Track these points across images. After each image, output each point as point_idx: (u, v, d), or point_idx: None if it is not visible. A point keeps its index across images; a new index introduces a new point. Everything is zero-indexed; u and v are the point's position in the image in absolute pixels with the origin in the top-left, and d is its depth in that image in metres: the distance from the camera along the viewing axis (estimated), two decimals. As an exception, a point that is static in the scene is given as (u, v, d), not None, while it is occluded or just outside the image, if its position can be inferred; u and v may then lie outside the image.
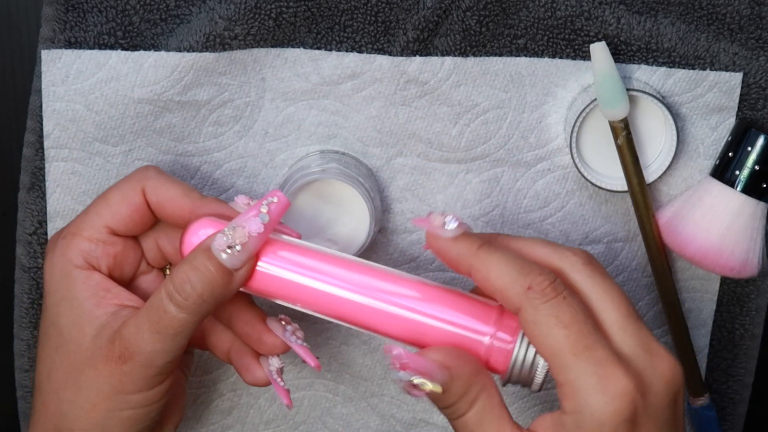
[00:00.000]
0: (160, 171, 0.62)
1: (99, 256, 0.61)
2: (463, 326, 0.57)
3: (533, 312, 0.53)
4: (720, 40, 0.68)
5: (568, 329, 0.53)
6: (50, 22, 0.66)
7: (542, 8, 0.67)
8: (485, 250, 0.55)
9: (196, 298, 0.56)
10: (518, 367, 0.56)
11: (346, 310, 0.58)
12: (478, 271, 0.55)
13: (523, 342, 0.56)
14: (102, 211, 0.61)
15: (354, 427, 0.75)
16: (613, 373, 0.52)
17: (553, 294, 0.53)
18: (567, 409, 0.53)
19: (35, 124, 0.68)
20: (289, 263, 0.58)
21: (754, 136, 0.67)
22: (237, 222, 0.57)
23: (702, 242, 0.67)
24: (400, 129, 0.69)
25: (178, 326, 0.57)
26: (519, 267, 0.54)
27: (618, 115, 0.66)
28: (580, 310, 0.53)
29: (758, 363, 0.75)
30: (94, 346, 0.58)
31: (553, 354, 0.53)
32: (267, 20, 0.66)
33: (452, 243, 0.56)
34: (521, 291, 0.54)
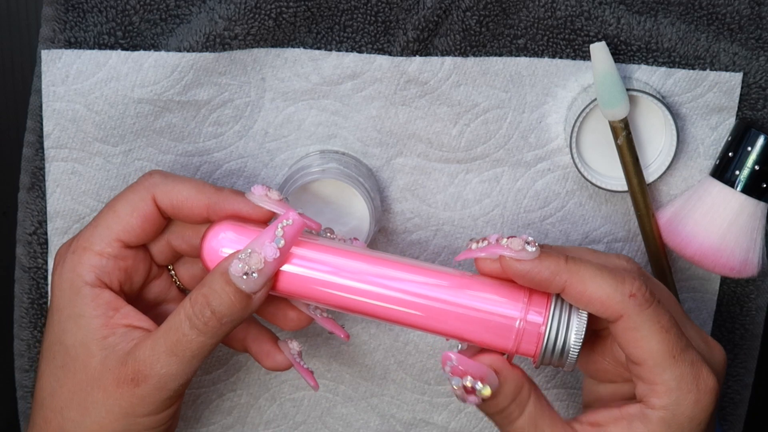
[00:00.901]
0: (165, 174, 0.61)
1: (111, 271, 0.60)
2: (493, 312, 0.57)
3: (636, 318, 0.55)
4: (720, 40, 0.68)
5: (668, 333, 0.55)
6: (50, 22, 0.66)
7: (542, 8, 0.67)
8: (573, 262, 0.56)
9: (216, 322, 0.57)
10: (551, 347, 0.56)
11: (374, 306, 0.58)
12: (573, 285, 0.56)
13: (554, 323, 0.56)
14: (112, 224, 0.60)
15: (354, 427, 0.75)
16: (702, 372, 0.56)
17: (652, 299, 0.55)
18: (656, 405, 0.55)
19: (35, 124, 0.68)
20: (313, 263, 0.58)
21: (754, 136, 0.67)
22: (253, 246, 0.56)
23: (702, 242, 0.67)
24: (400, 129, 0.69)
25: (197, 349, 0.57)
26: (612, 275, 0.56)
27: (618, 115, 0.66)
28: (671, 314, 0.56)
29: (758, 363, 0.75)
30: (102, 367, 0.58)
31: (652, 357, 0.55)
32: (267, 20, 0.66)
33: (539, 263, 0.56)
34: (623, 299, 0.55)
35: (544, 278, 0.56)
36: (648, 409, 0.56)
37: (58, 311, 0.59)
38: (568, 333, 0.56)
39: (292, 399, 0.75)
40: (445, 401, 0.75)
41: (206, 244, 0.59)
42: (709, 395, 0.56)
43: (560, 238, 0.71)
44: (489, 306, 0.57)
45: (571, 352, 0.57)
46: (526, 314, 0.57)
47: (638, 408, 0.56)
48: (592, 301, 0.56)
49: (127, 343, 0.58)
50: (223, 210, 0.59)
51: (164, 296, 0.64)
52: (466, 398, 0.56)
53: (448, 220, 0.71)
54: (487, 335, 0.57)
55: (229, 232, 0.58)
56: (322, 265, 0.58)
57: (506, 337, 0.57)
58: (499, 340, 0.57)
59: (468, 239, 0.71)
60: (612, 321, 0.56)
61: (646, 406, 0.56)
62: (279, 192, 0.60)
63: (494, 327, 0.57)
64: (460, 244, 0.71)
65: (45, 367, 0.60)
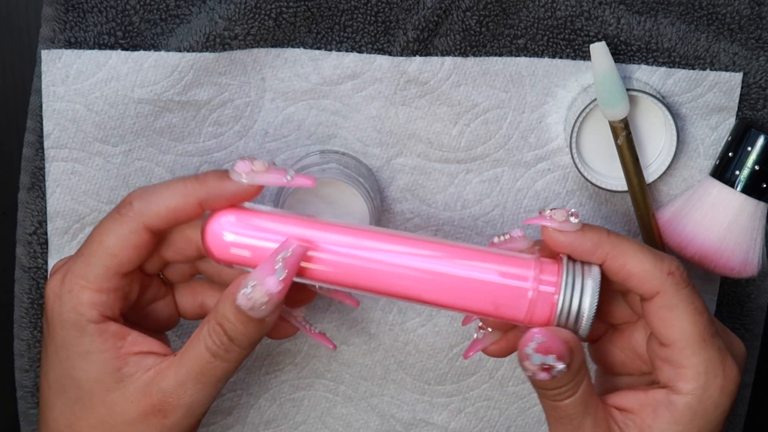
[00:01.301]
0: (143, 195, 0.58)
1: (112, 304, 0.58)
2: (505, 283, 0.57)
3: (673, 296, 0.56)
4: (720, 40, 0.68)
5: (702, 316, 0.56)
6: (50, 22, 0.66)
7: (542, 8, 0.67)
8: (616, 237, 0.57)
9: (236, 347, 0.57)
10: (564, 315, 0.56)
11: (383, 283, 0.57)
12: (615, 258, 0.56)
13: (567, 290, 0.56)
14: (105, 260, 0.58)
15: (354, 427, 0.75)
16: (728, 359, 0.56)
17: (689, 280, 0.56)
18: (683, 390, 0.56)
19: (35, 124, 0.68)
20: (325, 245, 0.57)
21: (754, 136, 0.67)
22: (256, 278, 0.55)
23: (702, 242, 0.67)
24: (400, 129, 0.69)
25: (221, 374, 0.57)
26: (653, 252, 0.56)
27: (618, 115, 0.66)
28: (703, 300, 0.57)
29: (758, 363, 0.75)
30: (124, 399, 0.57)
31: (684, 338, 0.56)
32: (267, 20, 0.66)
33: (582, 234, 0.57)
34: (662, 276, 0.56)
35: (586, 249, 0.56)
36: (674, 394, 0.56)
37: (64, 348, 0.58)
38: (582, 297, 0.56)
39: (292, 399, 0.75)
40: (445, 401, 0.75)
41: (209, 234, 0.58)
42: (733, 383, 0.56)
43: (560, 238, 0.71)
44: (499, 278, 0.57)
45: (586, 317, 0.56)
46: (538, 284, 0.56)
47: (664, 394, 0.57)
48: (632, 275, 0.56)
49: (143, 372, 0.58)
50: (215, 201, 0.57)
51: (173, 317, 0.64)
52: (538, 375, 0.55)
53: (448, 220, 0.71)
54: (500, 307, 0.57)
55: (228, 215, 0.57)
56: (333, 246, 0.57)
57: (519, 307, 0.57)
58: (511, 312, 0.57)
59: (466, 237, 0.71)
60: (648, 298, 0.56)
61: (672, 392, 0.56)
62: (263, 161, 0.58)
63: (506, 298, 0.57)
64: (460, 244, 0.71)
65: (55, 400, 0.59)
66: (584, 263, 0.57)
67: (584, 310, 0.56)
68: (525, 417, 0.75)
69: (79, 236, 0.70)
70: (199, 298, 0.63)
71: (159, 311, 0.63)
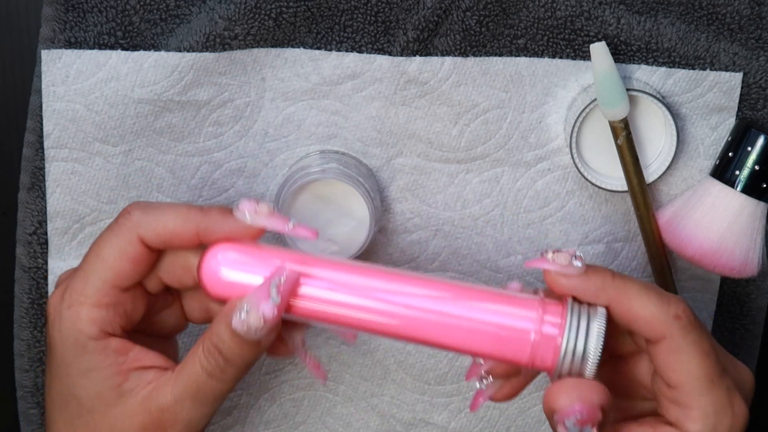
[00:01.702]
0: (145, 208, 0.58)
1: (112, 320, 0.58)
2: (506, 325, 0.55)
3: (680, 341, 0.54)
4: (720, 40, 0.68)
5: (709, 358, 0.55)
6: (50, 22, 0.66)
7: (542, 8, 0.67)
8: (621, 279, 0.55)
9: (232, 368, 0.56)
10: (569, 358, 0.55)
11: (382, 324, 0.56)
12: (619, 302, 0.55)
13: (571, 333, 0.54)
14: (103, 273, 0.57)
15: (354, 427, 0.75)
16: (736, 398, 0.55)
17: (696, 322, 0.55)
18: (692, 430, 0.55)
19: (35, 124, 0.68)
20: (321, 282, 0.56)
21: (754, 136, 0.67)
22: (250, 302, 0.55)
23: (702, 242, 0.67)
24: (400, 129, 0.69)
25: (218, 393, 0.57)
26: (659, 294, 0.55)
27: (618, 115, 0.66)
28: (711, 338, 0.56)
29: (758, 363, 0.75)
30: (123, 415, 0.57)
31: (690, 381, 0.54)
32: (267, 20, 0.66)
33: (586, 278, 0.55)
34: (668, 320, 0.54)
35: (590, 293, 0.55)
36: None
37: (64, 366, 0.58)
38: (587, 340, 0.54)
39: (292, 399, 0.75)
40: (445, 401, 0.75)
41: (204, 269, 0.57)
42: (742, 421, 0.55)
43: (560, 238, 0.71)
44: (501, 319, 0.55)
45: (591, 361, 0.55)
46: (541, 326, 0.55)
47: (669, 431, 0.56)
48: (637, 319, 0.55)
49: (143, 386, 0.57)
50: (213, 234, 0.57)
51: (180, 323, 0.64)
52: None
53: (448, 220, 0.71)
54: (502, 349, 0.56)
55: (227, 252, 0.57)
56: (330, 284, 0.56)
57: (521, 350, 0.55)
58: (514, 354, 0.56)
59: (466, 238, 0.71)
60: (653, 341, 0.55)
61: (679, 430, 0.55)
62: (268, 204, 0.58)
63: (508, 340, 0.55)
64: (461, 244, 0.71)
65: (57, 415, 0.59)
66: (590, 305, 0.56)
67: (589, 354, 0.55)
68: (525, 417, 0.75)
69: (79, 236, 0.70)
70: (206, 303, 0.63)
71: (166, 319, 0.63)
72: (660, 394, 0.56)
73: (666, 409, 0.56)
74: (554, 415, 0.54)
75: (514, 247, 0.72)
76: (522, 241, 0.71)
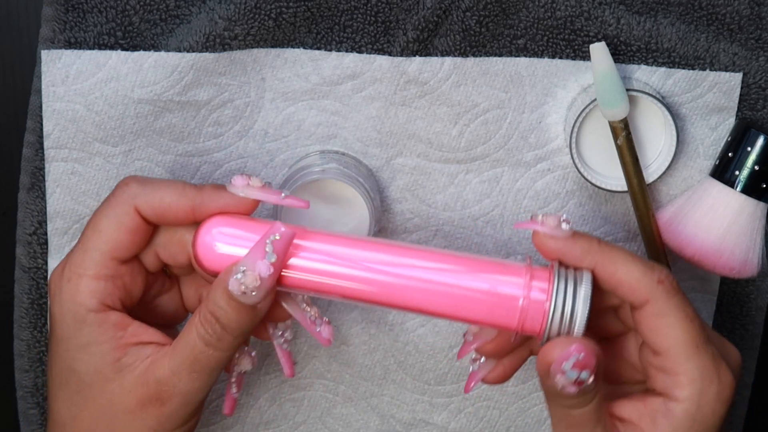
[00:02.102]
0: (142, 181, 0.59)
1: (111, 292, 0.59)
2: (496, 292, 0.56)
3: (663, 304, 0.55)
4: (720, 40, 0.68)
5: (693, 323, 0.56)
6: (50, 22, 0.66)
7: (542, 8, 0.67)
8: (606, 245, 0.57)
9: (228, 336, 0.57)
10: (557, 322, 0.56)
11: (373, 292, 0.57)
12: (604, 266, 0.56)
13: (558, 297, 0.56)
14: (101, 245, 0.58)
15: (354, 427, 0.75)
16: (722, 366, 0.56)
17: (679, 288, 0.56)
18: (680, 397, 0.55)
19: (35, 124, 0.68)
20: (314, 254, 0.57)
21: (754, 136, 0.67)
22: (246, 263, 0.55)
23: (702, 242, 0.67)
24: (400, 129, 0.69)
25: (215, 363, 0.57)
26: (643, 261, 0.56)
27: (618, 115, 0.66)
28: (694, 307, 0.56)
29: (758, 363, 0.75)
30: (122, 389, 0.58)
31: (676, 346, 0.55)
32: (267, 20, 0.66)
33: (573, 241, 0.57)
34: (651, 284, 0.55)
35: (575, 256, 0.56)
36: (671, 402, 0.56)
37: (64, 341, 0.58)
38: (575, 303, 0.56)
39: (292, 399, 0.75)
40: (445, 401, 0.75)
41: (199, 243, 0.58)
42: (729, 389, 0.56)
43: (560, 238, 0.71)
44: (491, 286, 0.57)
45: (578, 323, 0.56)
46: (529, 291, 0.56)
47: (661, 402, 0.56)
48: (621, 283, 0.56)
49: (141, 361, 0.58)
50: (207, 209, 0.58)
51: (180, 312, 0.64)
52: (568, 388, 0.55)
53: (448, 220, 0.71)
54: (491, 315, 0.57)
55: (222, 227, 0.58)
56: (323, 256, 0.57)
57: (510, 315, 0.56)
58: (503, 320, 0.57)
59: (466, 238, 0.71)
60: (638, 306, 0.56)
61: (668, 400, 0.56)
62: (260, 179, 0.59)
63: (497, 306, 0.56)
64: (461, 244, 0.71)
65: (58, 392, 0.59)
66: (576, 269, 0.57)
67: (576, 316, 0.56)
68: (525, 417, 0.75)
69: (79, 236, 0.69)
70: (202, 290, 0.63)
71: (165, 305, 0.63)
72: (648, 365, 0.57)
73: (654, 380, 0.57)
74: (551, 367, 0.55)
75: (514, 247, 0.72)
76: (522, 241, 0.71)
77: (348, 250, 0.58)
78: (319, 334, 0.60)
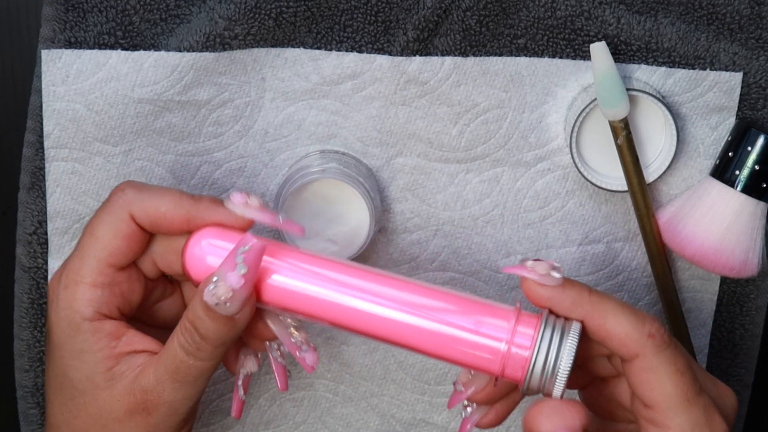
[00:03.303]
0: (138, 187, 0.59)
1: (108, 300, 0.58)
2: (479, 333, 0.55)
3: (653, 358, 0.54)
4: (720, 40, 0.68)
5: (684, 376, 0.54)
6: (50, 22, 0.66)
7: (542, 8, 0.67)
8: (597, 295, 0.55)
9: (207, 346, 0.56)
10: (537, 373, 0.54)
11: (359, 321, 0.56)
12: (593, 318, 0.55)
13: (542, 348, 0.54)
14: (98, 252, 0.58)
15: (354, 427, 0.75)
16: (715, 417, 0.54)
17: (670, 341, 0.54)
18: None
19: (35, 124, 0.68)
20: (299, 274, 0.57)
21: (754, 136, 0.67)
22: (219, 274, 0.55)
23: (702, 242, 0.67)
24: (400, 129, 0.69)
25: (197, 373, 0.57)
26: (634, 313, 0.55)
27: (618, 115, 0.66)
28: (686, 357, 0.55)
29: (758, 363, 0.75)
30: (111, 398, 0.57)
31: (666, 400, 0.54)
32: (267, 20, 0.66)
33: (562, 291, 0.55)
34: (641, 338, 0.54)
35: (565, 306, 0.55)
36: None
37: (59, 347, 0.58)
38: (558, 355, 0.54)
39: (292, 399, 0.75)
40: (445, 401, 0.75)
41: (188, 255, 0.57)
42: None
43: (560, 238, 0.71)
44: (475, 326, 0.55)
45: (559, 378, 0.54)
46: (512, 336, 0.55)
47: None
48: (611, 336, 0.54)
49: (132, 370, 0.58)
50: (202, 222, 0.58)
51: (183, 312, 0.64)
52: None
53: (448, 220, 0.71)
54: (472, 358, 0.55)
55: (211, 238, 0.57)
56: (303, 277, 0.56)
57: (492, 360, 0.55)
58: (484, 363, 0.55)
59: (466, 237, 0.71)
60: (627, 359, 0.55)
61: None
62: (259, 198, 0.59)
63: (479, 349, 0.55)
64: (460, 244, 0.71)
65: (54, 397, 0.60)
66: (567, 319, 0.55)
67: (559, 369, 0.54)
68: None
69: (79, 236, 0.69)
70: None
71: (167, 309, 0.63)
72: (638, 415, 0.56)
73: (645, 430, 0.55)
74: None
75: (514, 247, 0.72)
76: (522, 241, 0.71)
77: (326, 271, 0.57)
78: (303, 360, 0.59)
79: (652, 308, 0.73)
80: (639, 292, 0.73)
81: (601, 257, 0.72)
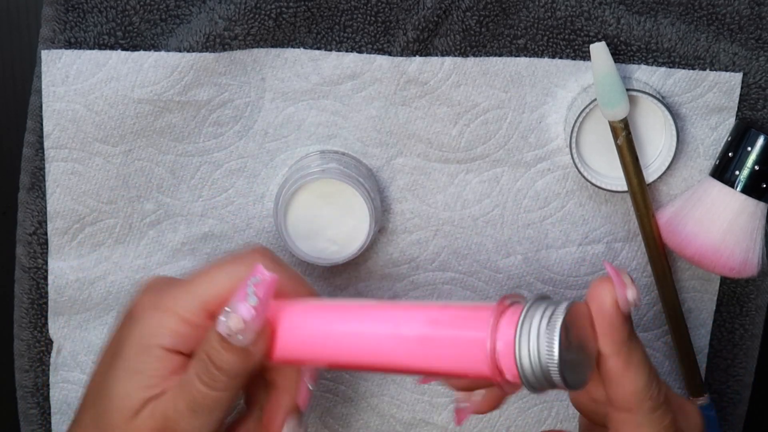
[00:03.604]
0: (275, 260, 0.59)
1: (188, 341, 0.57)
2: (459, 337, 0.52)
3: (645, 417, 0.53)
4: (720, 40, 0.68)
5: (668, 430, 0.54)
6: (50, 22, 0.66)
7: (542, 8, 0.67)
8: (636, 341, 0.52)
9: (223, 377, 0.56)
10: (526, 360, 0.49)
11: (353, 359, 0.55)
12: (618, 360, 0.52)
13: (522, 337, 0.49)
14: (202, 293, 0.57)
15: (354, 427, 0.75)
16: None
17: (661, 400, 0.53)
18: None
19: (35, 124, 0.68)
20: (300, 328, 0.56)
21: (754, 136, 0.67)
22: (231, 306, 0.55)
23: (702, 242, 0.67)
24: (400, 129, 0.69)
25: (213, 403, 0.56)
26: (650, 371, 0.53)
27: (618, 115, 0.66)
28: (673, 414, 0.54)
29: (758, 363, 0.75)
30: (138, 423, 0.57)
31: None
32: (267, 20, 0.66)
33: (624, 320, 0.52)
34: (645, 396, 0.53)
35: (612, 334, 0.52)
36: None
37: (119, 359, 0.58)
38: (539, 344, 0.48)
39: (292, 399, 0.75)
40: (445, 401, 0.75)
41: None
42: None
43: (560, 238, 0.71)
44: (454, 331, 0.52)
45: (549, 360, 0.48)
46: (495, 333, 0.50)
47: None
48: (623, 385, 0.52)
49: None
50: None
51: None
52: None
53: (448, 220, 0.71)
54: (459, 363, 0.51)
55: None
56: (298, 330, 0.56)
57: (479, 360, 0.50)
58: (473, 366, 0.51)
59: (466, 238, 0.71)
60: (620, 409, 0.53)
61: None
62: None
63: (464, 354, 0.51)
64: (461, 244, 0.71)
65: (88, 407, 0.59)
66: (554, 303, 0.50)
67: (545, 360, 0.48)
68: (525, 417, 0.75)
69: (79, 236, 0.70)
70: None
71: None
72: None
73: None
74: None
75: (514, 247, 0.72)
76: (522, 241, 0.71)
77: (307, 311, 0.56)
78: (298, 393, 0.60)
79: (652, 308, 0.73)
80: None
81: (601, 257, 0.72)
